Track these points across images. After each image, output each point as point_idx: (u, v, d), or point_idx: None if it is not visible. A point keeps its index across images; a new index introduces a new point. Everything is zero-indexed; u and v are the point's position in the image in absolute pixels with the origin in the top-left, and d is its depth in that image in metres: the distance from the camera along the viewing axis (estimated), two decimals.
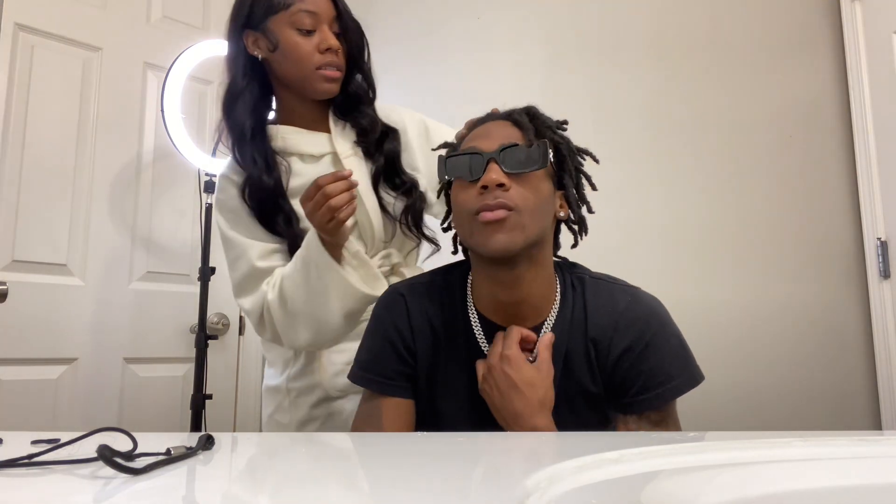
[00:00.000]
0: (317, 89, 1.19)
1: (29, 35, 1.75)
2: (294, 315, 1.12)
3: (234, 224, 1.19)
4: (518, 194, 0.88)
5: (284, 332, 1.15)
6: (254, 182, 1.17)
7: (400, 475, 0.53)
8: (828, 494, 0.53)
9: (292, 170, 1.20)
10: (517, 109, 0.98)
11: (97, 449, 0.48)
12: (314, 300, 1.10)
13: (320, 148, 1.23)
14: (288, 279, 1.12)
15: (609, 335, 0.93)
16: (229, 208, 1.20)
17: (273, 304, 1.13)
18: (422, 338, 0.99)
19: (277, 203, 1.17)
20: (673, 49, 1.98)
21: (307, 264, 1.10)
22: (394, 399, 0.98)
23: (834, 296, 1.80)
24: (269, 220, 1.17)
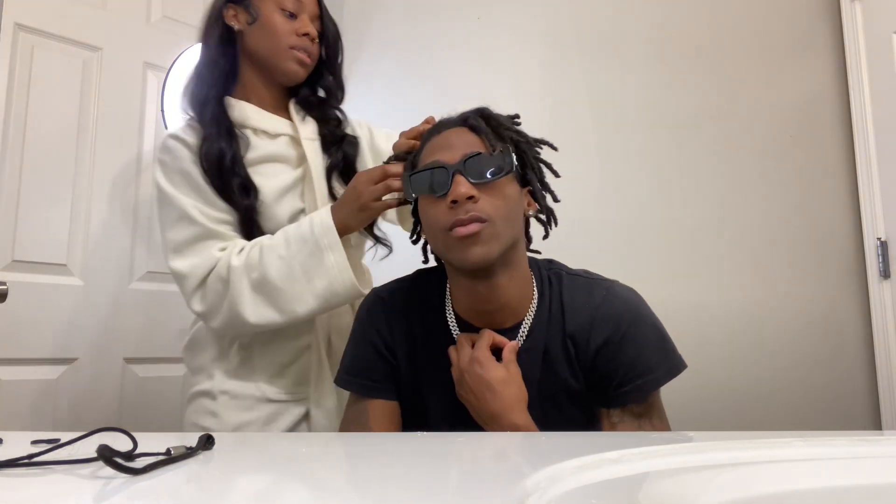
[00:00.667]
0: (286, 69, 1.20)
1: (29, 35, 1.75)
2: (261, 287, 1.07)
3: (182, 186, 1.13)
4: (488, 204, 0.88)
5: (236, 304, 1.07)
6: (212, 144, 1.12)
7: (400, 475, 0.53)
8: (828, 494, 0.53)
9: (250, 142, 1.18)
10: (470, 114, 0.97)
11: (97, 449, 0.48)
12: (297, 278, 1.06)
13: (278, 127, 1.22)
14: (270, 249, 1.07)
15: (587, 330, 0.93)
16: (178, 169, 1.14)
17: (236, 270, 1.07)
18: (401, 340, 1.00)
19: (234, 169, 1.13)
20: (673, 49, 1.98)
21: (304, 240, 1.07)
22: (379, 401, 0.99)
23: (834, 296, 1.80)
24: (225, 186, 1.12)
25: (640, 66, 1.99)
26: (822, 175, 1.85)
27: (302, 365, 1.20)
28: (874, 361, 1.74)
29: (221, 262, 1.08)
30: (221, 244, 1.10)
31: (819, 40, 1.90)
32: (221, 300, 1.08)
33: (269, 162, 1.18)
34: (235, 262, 1.07)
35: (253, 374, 1.16)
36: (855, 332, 1.78)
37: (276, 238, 1.09)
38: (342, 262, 1.07)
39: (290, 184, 1.18)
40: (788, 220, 1.85)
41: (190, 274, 1.09)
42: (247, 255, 1.08)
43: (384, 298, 1.03)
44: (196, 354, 1.22)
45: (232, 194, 1.12)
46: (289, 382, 1.19)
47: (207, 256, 1.09)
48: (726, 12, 1.96)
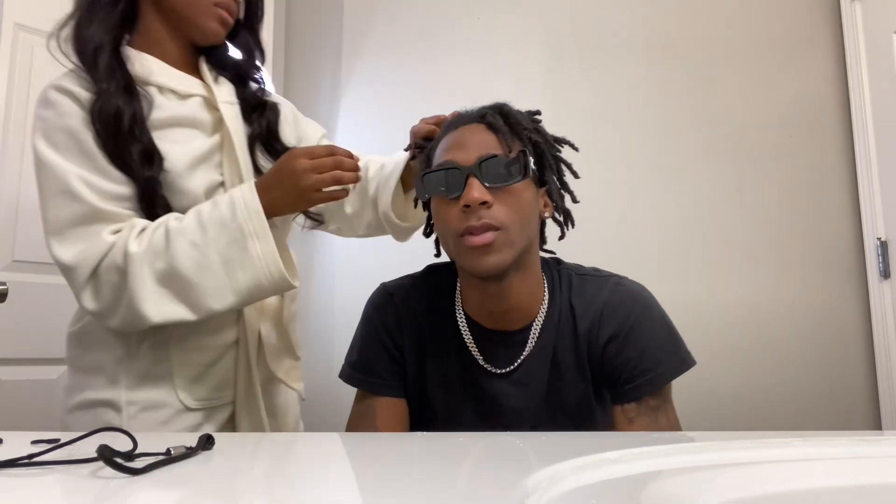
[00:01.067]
0: (205, 26, 1.02)
1: (29, 35, 1.75)
2: (168, 280, 0.89)
3: (66, 150, 0.91)
4: (502, 211, 0.85)
5: (136, 299, 0.88)
6: (108, 101, 0.92)
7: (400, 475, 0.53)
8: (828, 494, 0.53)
9: (154, 101, 0.98)
10: (488, 110, 0.94)
11: (97, 449, 0.48)
12: (215, 271, 0.89)
13: (189, 87, 1.03)
14: (180, 234, 0.89)
15: (596, 324, 0.93)
16: (63, 128, 0.92)
17: (135, 258, 0.88)
18: (410, 337, 0.99)
19: (134, 132, 0.93)
20: (673, 49, 1.98)
21: (224, 225, 0.90)
22: (387, 399, 0.98)
23: (834, 296, 1.80)
24: (121, 152, 0.91)
25: (640, 66, 1.99)
26: (822, 175, 1.85)
27: (226, 364, 1.03)
28: (874, 361, 1.74)
29: (116, 247, 0.89)
30: (115, 226, 0.91)
31: (819, 40, 1.90)
32: (119, 295, 0.89)
33: (179, 126, 0.99)
34: (134, 248, 0.88)
35: (169, 378, 0.97)
36: (855, 332, 1.78)
37: (188, 220, 0.91)
38: (270, 252, 0.91)
39: (205, 152, 0.99)
40: (788, 219, 1.85)
41: (77, 265, 0.89)
42: (149, 240, 0.89)
43: (393, 294, 1.01)
44: (89, 350, 1.00)
45: (131, 162, 0.91)
46: (211, 385, 1.01)
47: (97, 242, 0.89)
48: (726, 13, 1.96)
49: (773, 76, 1.90)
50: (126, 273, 0.88)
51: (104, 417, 0.95)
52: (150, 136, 0.95)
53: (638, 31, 2.01)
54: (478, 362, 0.95)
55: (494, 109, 0.94)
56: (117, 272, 0.89)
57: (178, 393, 0.97)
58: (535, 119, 0.97)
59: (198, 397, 0.99)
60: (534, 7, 2.11)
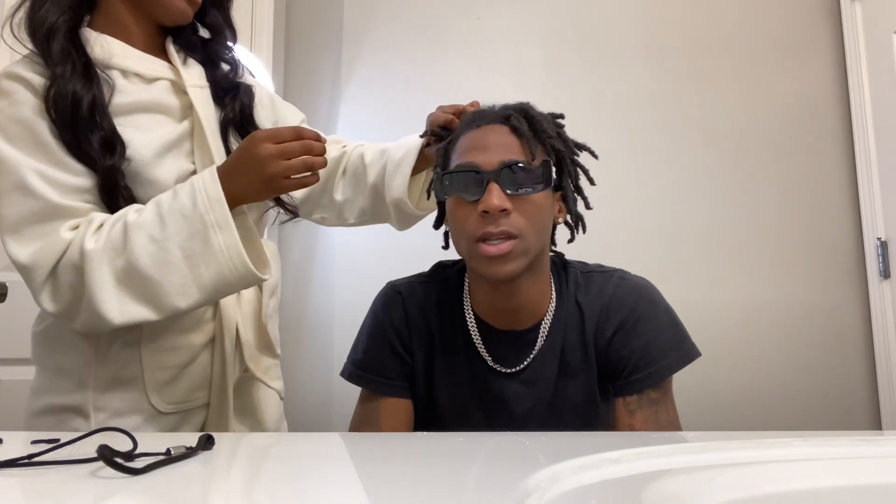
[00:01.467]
0: (172, 8, 0.96)
1: None
2: (128, 278, 0.83)
3: (20, 141, 0.84)
4: (520, 218, 0.85)
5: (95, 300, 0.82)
6: (64, 86, 0.85)
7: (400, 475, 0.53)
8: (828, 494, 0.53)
9: (116, 85, 0.91)
10: (513, 111, 0.92)
11: (97, 449, 0.48)
12: (177, 267, 0.83)
13: (155, 70, 0.96)
14: (138, 228, 0.83)
15: (602, 320, 0.94)
16: (16, 118, 0.85)
17: (94, 256, 0.82)
18: (418, 337, 0.99)
19: (94, 118, 0.86)
20: (673, 49, 1.98)
21: (184, 217, 0.84)
22: (392, 399, 0.98)
23: (834, 296, 1.80)
24: (80, 140, 0.85)
25: (640, 66, 1.99)
26: (823, 175, 1.85)
27: (201, 364, 0.97)
28: (874, 361, 1.74)
29: (73, 245, 0.83)
30: (72, 222, 0.85)
31: (819, 40, 1.90)
32: (79, 295, 0.83)
33: (144, 112, 0.93)
34: (90, 245, 0.82)
35: (139, 381, 0.91)
36: (855, 332, 1.78)
37: (147, 213, 0.85)
38: (234, 244, 0.85)
39: (174, 139, 0.93)
40: (788, 219, 1.85)
41: (34, 265, 0.83)
42: (106, 236, 0.83)
43: (401, 293, 1.01)
44: (56, 351, 0.94)
45: (90, 151, 0.85)
46: (186, 388, 0.95)
47: (54, 240, 0.83)
48: (726, 13, 1.96)
49: (773, 76, 1.90)
50: (83, 272, 0.82)
51: (70, 424, 0.90)
52: (112, 122, 0.88)
53: (638, 30, 2.01)
54: (486, 362, 0.96)
55: (519, 111, 0.92)
56: (75, 271, 0.83)
57: (150, 397, 0.92)
58: (558, 124, 0.96)
59: (171, 401, 0.94)
60: (533, 6, 2.11)
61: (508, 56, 2.11)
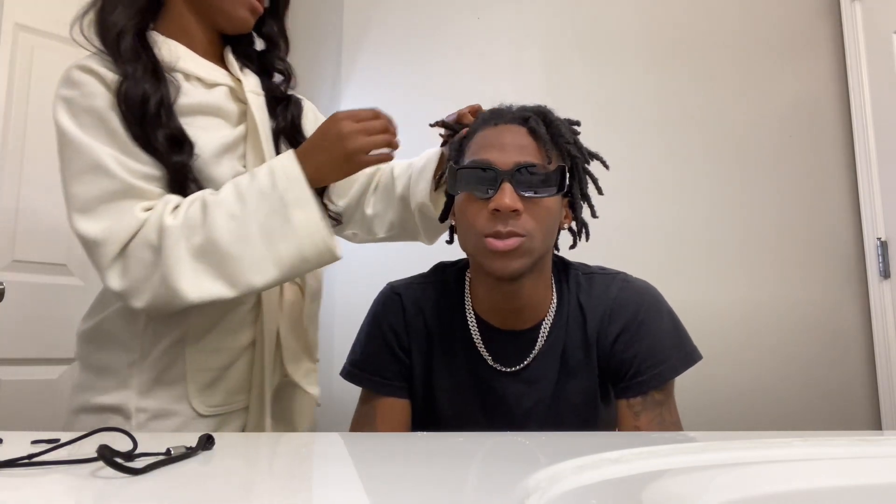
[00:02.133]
0: (234, 15, 1.00)
1: (29, 35, 1.75)
2: (206, 254, 0.84)
3: (93, 130, 0.87)
4: (530, 220, 0.86)
5: (172, 276, 0.83)
6: (134, 84, 0.88)
7: (400, 475, 0.53)
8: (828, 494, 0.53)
9: (180, 87, 0.94)
10: (532, 113, 0.92)
11: (97, 449, 0.48)
12: (255, 242, 0.85)
13: (215, 76, 1.00)
14: (217, 206, 0.85)
15: (605, 321, 0.94)
16: (89, 109, 0.88)
17: (171, 232, 0.83)
18: (417, 337, 0.99)
19: (161, 118, 0.89)
20: (672, 49, 1.98)
21: (263, 195, 0.86)
22: (390, 399, 0.98)
23: (834, 296, 1.80)
24: (148, 136, 0.88)
25: (640, 66, 1.99)
26: (822, 175, 1.85)
27: (241, 367, 0.98)
28: (874, 361, 1.74)
29: (149, 223, 0.84)
30: (145, 203, 0.86)
31: (819, 40, 1.90)
32: (150, 272, 0.84)
33: (205, 114, 0.96)
34: (170, 221, 0.84)
35: (181, 383, 0.93)
36: (855, 332, 1.78)
37: (224, 192, 0.87)
38: (314, 220, 0.87)
39: (230, 142, 0.96)
40: (788, 219, 1.85)
41: (104, 240, 0.84)
42: (184, 214, 0.85)
43: (401, 294, 1.01)
44: (101, 349, 0.95)
45: (158, 146, 0.88)
46: (225, 390, 0.96)
47: (129, 219, 0.85)
48: (726, 13, 1.96)
49: (773, 76, 1.90)
50: (161, 249, 0.83)
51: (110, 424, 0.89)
52: (178, 121, 0.91)
53: (638, 30, 2.01)
54: (486, 361, 0.96)
55: (538, 115, 0.92)
56: (150, 249, 0.84)
57: (191, 399, 0.93)
58: (574, 130, 0.97)
59: (211, 404, 0.95)
60: (534, 6, 2.11)
61: (508, 56, 2.11)
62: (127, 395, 0.91)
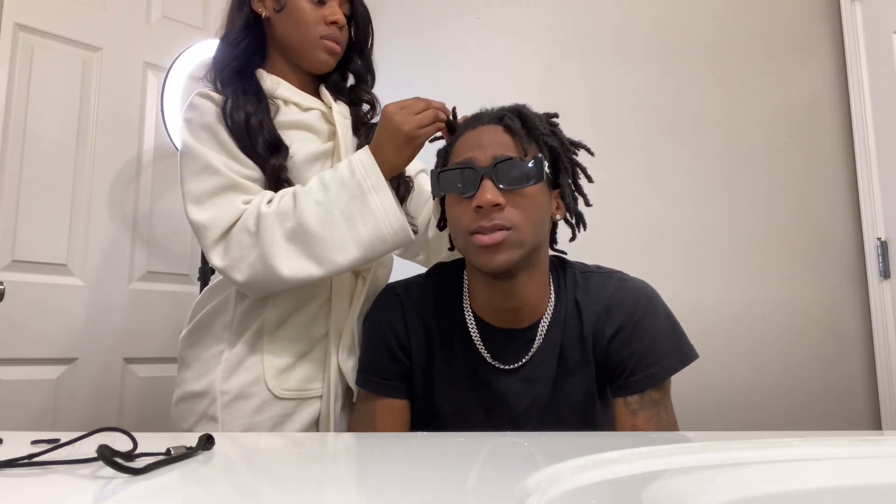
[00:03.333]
0: (315, 58, 1.16)
1: (29, 35, 1.75)
2: (297, 236, 0.98)
3: (206, 141, 1.06)
4: (514, 212, 0.87)
5: (268, 255, 0.98)
6: (238, 104, 1.07)
7: (400, 475, 0.53)
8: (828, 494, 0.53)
9: (280, 109, 1.12)
10: (507, 111, 0.95)
11: (97, 449, 0.48)
12: (338, 224, 0.98)
13: (310, 104, 1.17)
14: (305, 195, 1.00)
15: (602, 319, 0.94)
16: (204, 125, 1.06)
17: (267, 218, 0.98)
18: (417, 338, 0.99)
19: (263, 128, 1.06)
20: (672, 49, 1.98)
21: (344, 183, 0.99)
22: (389, 399, 0.99)
23: (834, 296, 1.80)
24: (252, 143, 1.05)
25: (640, 66, 1.99)
26: (823, 175, 1.85)
27: (315, 357, 1.09)
28: (874, 361, 1.74)
29: (248, 212, 1.00)
30: (246, 197, 1.03)
31: (819, 40, 1.90)
32: (248, 253, 0.99)
33: (300, 129, 1.13)
34: (266, 210, 0.99)
35: (259, 367, 1.05)
36: (855, 332, 1.78)
37: (312, 184, 1.02)
38: (389, 203, 0.98)
39: (320, 152, 1.12)
40: (788, 220, 1.85)
41: (211, 225, 1.01)
42: (278, 203, 1.00)
43: (400, 295, 1.02)
44: (197, 345, 1.10)
45: (259, 150, 1.05)
46: (300, 377, 1.07)
47: (231, 208, 1.01)
48: (726, 12, 1.96)
49: (774, 76, 1.90)
50: (258, 233, 0.99)
51: (199, 408, 1.03)
52: (276, 131, 1.08)
53: (637, 30, 2.01)
54: (485, 359, 0.96)
55: (513, 112, 0.95)
56: (248, 234, 0.99)
57: (268, 381, 1.04)
58: (551, 122, 0.98)
59: (286, 387, 1.05)
60: (533, 6, 2.11)
61: (508, 56, 2.11)
62: (212, 379, 1.04)
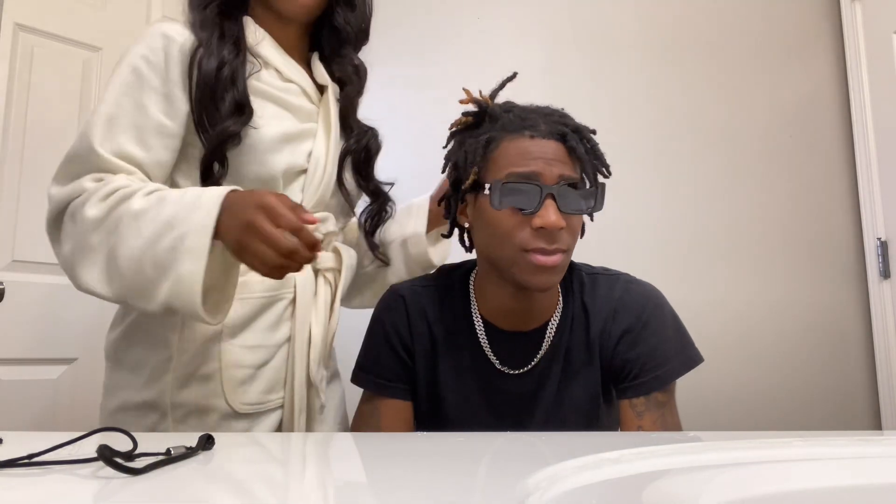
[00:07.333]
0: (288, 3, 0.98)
1: (29, 35, 1.75)
2: (108, 261, 0.82)
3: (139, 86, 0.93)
4: (569, 235, 0.87)
5: (74, 260, 0.84)
6: (212, 46, 0.91)
7: (400, 475, 0.53)
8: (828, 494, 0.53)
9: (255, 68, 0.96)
10: (570, 131, 0.89)
11: (97, 449, 0.48)
12: (146, 273, 0.80)
13: (292, 74, 1.01)
14: (132, 218, 0.81)
15: (609, 323, 0.94)
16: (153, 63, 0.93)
17: (87, 222, 0.83)
18: (421, 339, 0.99)
19: (235, 78, 0.91)
20: (673, 49, 1.97)
21: (172, 226, 0.80)
22: (392, 400, 0.98)
23: (834, 296, 1.80)
24: (213, 95, 0.89)
25: (640, 66, 1.99)
26: (822, 175, 1.85)
27: (276, 365, 0.96)
28: (874, 361, 1.74)
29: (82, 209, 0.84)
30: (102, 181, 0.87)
31: (819, 40, 1.90)
32: (66, 250, 0.86)
33: (274, 102, 0.97)
34: (92, 213, 0.83)
35: (216, 379, 0.90)
36: (855, 332, 1.78)
37: (150, 203, 0.83)
38: (194, 276, 0.78)
39: (294, 133, 0.96)
40: (788, 219, 1.85)
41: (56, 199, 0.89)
42: (108, 210, 0.83)
43: (404, 296, 1.01)
44: (136, 345, 0.94)
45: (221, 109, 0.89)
46: (259, 389, 0.94)
47: (73, 187, 0.88)
48: (726, 13, 1.96)
49: (774, 76, 1.90)
50: (81, 230, 0.84)
51: (146, 421, 0.89)
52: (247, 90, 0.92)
53: (638, 31, 2.01)
54: (492, 363, 0.96)
55: (574, 132, 0.90)
56: (75, 225, 0.85)
57: (227, 396, 0.90)
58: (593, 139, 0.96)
59: (245, 401, 0.92)
60: (534, 6, 2.11)
61: (508, 56, 2.10)
62: (162, 390, 0.89)
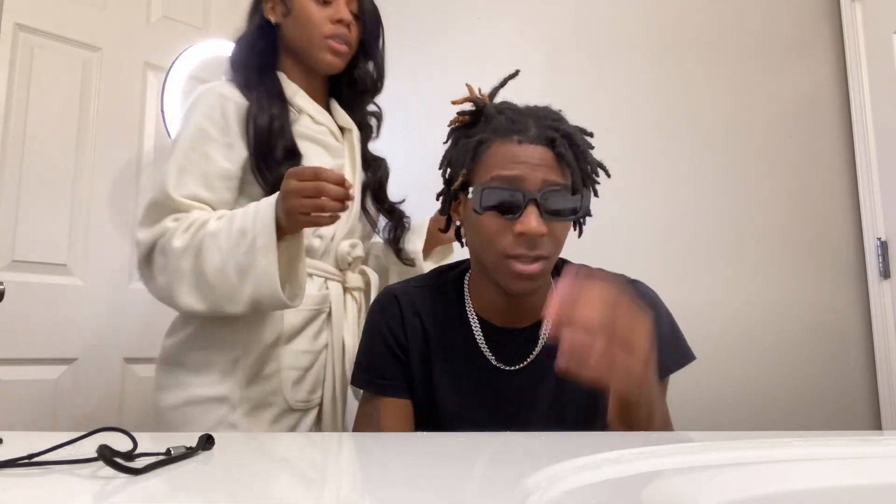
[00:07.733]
0: (321, 59, 1.16)
1: (29, 35, 1.75)
2: (198, 278, 1.00)
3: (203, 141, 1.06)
4: (551, 242, 0.87)
5: (171, 286, 1.01)
6: (263, 103, 1.09)
7: (400, 475, 0.53)
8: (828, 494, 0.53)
9: (297, 117, 1.15)
10: (559, 136, 0.88)
11: (97, 449, 0.48)
12: (230, 278, 0.98)
13: (322, 118, 1.19)
14: (212, 238, 0.99)
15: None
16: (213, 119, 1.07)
17: (176, 251, 0.99)
18: (415, 338, 0.99)
19: (284, 129, 1.09)
20: (673, 49, 1.97)
21: (244, 234, 0.98)
22: (391, 399, 0.98)
23: (834, 296, 1.80)
24: (269, 145, 1.07)
25: (640, 65, 1.99)
26: (822, 175, 1.85)
27: (318, 368, 1.14)
28: (874, 361, 1.74)
29: (170, 241, 1.01)
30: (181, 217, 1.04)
31: (819, 40, 1.90)
32: (161, 280, 1.03)
33: (311, 141, 1.14)
34: (177, 244, 1.00)
35: (277, 378, 1.07)
36: (855, 332, 1.78)
37: (223, 223, 1.00)
38: (271, 268, 0.97)
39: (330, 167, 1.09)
40: (788, 220, 1.85)
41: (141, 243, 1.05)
42: (192, 238, 1.00)
43: (398, 296, 1.02)
44: (202, 349, 1.09)
45: (276, 155, 1.06)
46: (307, 388, 1.13)
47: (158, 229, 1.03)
48: (726, 13, 1.96)
49: (774, 76, 1.90)
50: (167, 260, 1.01)
51: (215, 413, 1.03)
52: (294, 139, 1.10)
53: (638, 31, 2.01)
54: (488, 360, 0.96)
55: (563, 136, 0.89)
56: (164, 258, 1.01)
57: (285, 393, 1.07)
58: (589, 144, 0.95)
59: (298, 398, 1.09)
60: (534, 7, 2.11)
61: (509, 56, 2.10)
62: (231, 386, 1.04)
